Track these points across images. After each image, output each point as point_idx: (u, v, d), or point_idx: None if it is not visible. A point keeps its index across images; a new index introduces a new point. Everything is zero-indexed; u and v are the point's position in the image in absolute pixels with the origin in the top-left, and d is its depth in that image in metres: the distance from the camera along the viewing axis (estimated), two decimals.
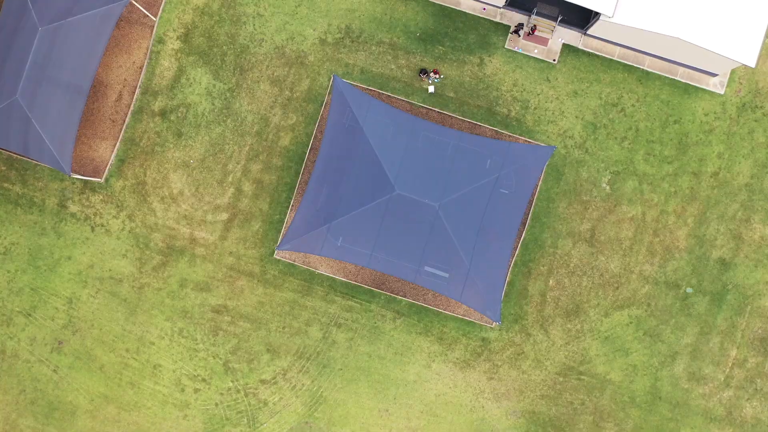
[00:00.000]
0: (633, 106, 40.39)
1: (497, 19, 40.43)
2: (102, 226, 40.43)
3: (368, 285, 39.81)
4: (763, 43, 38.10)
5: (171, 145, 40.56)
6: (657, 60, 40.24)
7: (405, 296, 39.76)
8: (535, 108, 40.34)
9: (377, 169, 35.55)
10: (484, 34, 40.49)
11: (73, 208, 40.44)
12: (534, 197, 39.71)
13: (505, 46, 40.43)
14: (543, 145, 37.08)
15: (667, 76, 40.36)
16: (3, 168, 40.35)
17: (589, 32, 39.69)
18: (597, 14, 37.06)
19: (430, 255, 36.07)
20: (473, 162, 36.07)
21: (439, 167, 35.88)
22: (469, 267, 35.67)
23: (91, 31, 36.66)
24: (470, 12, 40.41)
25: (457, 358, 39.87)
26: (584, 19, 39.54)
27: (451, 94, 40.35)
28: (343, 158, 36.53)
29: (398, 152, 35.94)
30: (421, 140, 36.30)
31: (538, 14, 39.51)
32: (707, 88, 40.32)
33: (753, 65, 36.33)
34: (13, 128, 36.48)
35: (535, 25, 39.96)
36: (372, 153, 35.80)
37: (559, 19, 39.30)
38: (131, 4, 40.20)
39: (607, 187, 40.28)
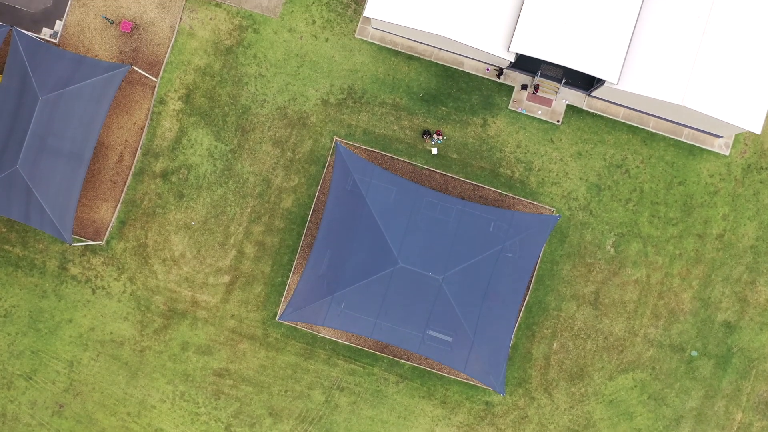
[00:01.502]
0: (637, 167, 40.12)
1: (501, 80, 40.14)
2: (103, 288, 40.18)
3: (371, 349, 39.54)
4: None
5: (172, 207, 40.30)
6: (662, 121, 39.98)
7: (408, 360, 39.51)
8: (538, 169, 40.07)
9: (380, 241, 35.29)
10: (488, 95, 40.21)
11: (74, 270, 40.18)
12: (538, 260, 39.44)
13: (509, 107, 40.17)
14: (547, 214, 36.79)
15: (671, 137, 40.10)
16: (3, 230, 40.09)
17: (593, 94, 39.42)
18: (601, 79, 36.79)
19: (434, 323, 35.85)
20: (477, 231, 35.81)
21: (442, 237, 35.62)
22: (473, 338, 35.41)
23: (92, 99, 36.40)
24: (473, 73, 40.12)
25: (461, 422, 39.62)
26: (588, 81, 39.26)
27: (455, 156, 40.08)
28: (346, 226, 36.27)
29: (401, 222, 35.67)
30: (424, 209, 36.03)
31: (543, 76, 39.22)
32: (712, 150, 40.06)
33: (758, 132, 36.07)
34: (14, 197, 36.22)
35: (538, 84, 39.67)
36: (375, 223, 35.53)
37: (564, 81, 39.01)
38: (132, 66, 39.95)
39: (612, 250, 40.02)
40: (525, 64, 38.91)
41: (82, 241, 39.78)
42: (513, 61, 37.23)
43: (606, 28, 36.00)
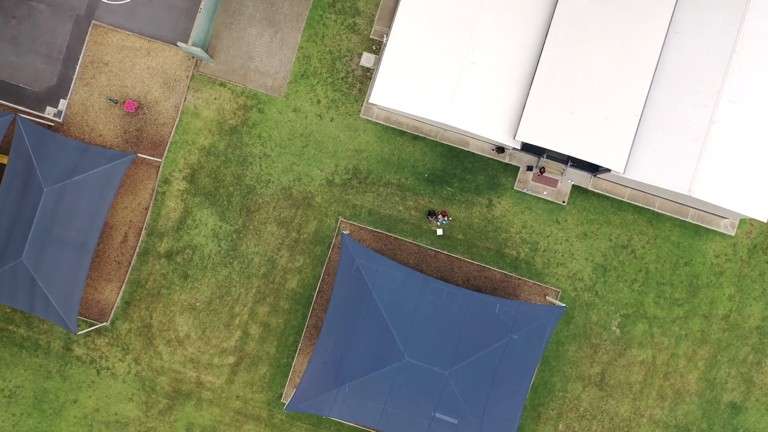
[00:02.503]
0: (643, 247, 40.03)
1: (506, 160, 40.04)
2: (108, 369, 40.10)
3: (376, 429, 39.48)
4: None
5: (177, 288, 40.20)
6: (667, 201, 39.87)
7: None
8: (544, 250, 39.98)
9: (386, 333, 35.20)
10: (493, 175, 40.10)
11: (79, 351, 40.11)
12: (543, 348, 39.31)
13: (514, 188, 40.06)
14: (553, 305, 36.73)
15: (677, 217, 39.99)
16: (8, 310, 40.00)
17: (599, 175, 39.33)
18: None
19: (440, 410, 35.77)
20: (483, 323, 35.70)
21: (449, 329, 35.52)
22: (481, 423, 35.31)
23: (96, 189, 36.30)
24: (479, 153, 40.01)
25: None
26: (594, 164, 39.10)
27: (460, 236, 39.98)
28: (352, 316, 36.16)
29: (407, 315, 35.58)
30: (429, 298, 35.92)
31: (548, 157, 39.12)
32: (718, 230, 39.95)
33: (765, 220, 36.00)
34: (18, 288, 36.13)
35: (543, 166, 39.59)
36: (381, 315, 35.45)
37: (569, 163, 38.90)
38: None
39: (617, 331, 39.93)
40: (531, 146, 38.77)
41: (87, 322, 39.71)
42: (518, 148, 37.17)
43: (612, 117, 35.91)
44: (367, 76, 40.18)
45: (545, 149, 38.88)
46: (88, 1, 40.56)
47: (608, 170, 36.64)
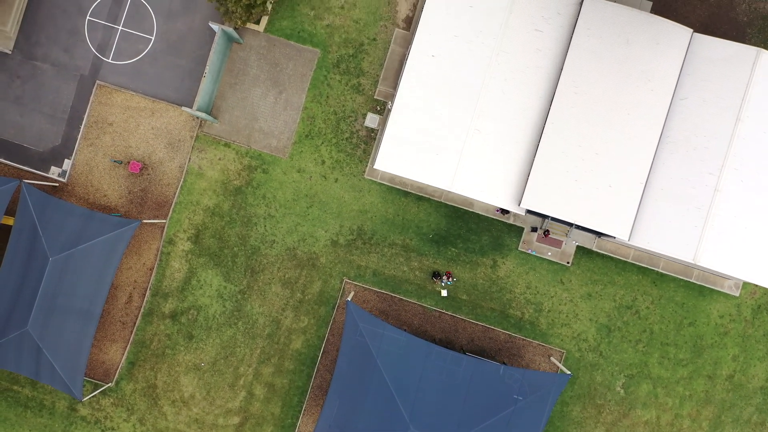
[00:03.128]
0: (647, 308, 40.07)
1: (510, 221, 40.06)
2: (113, 429, 40.14)
3: None
4: None
5: (182, 348, 40.24)
6: (671, 262, 39.91)
7: None
8: (548, 310, 40.02)
9: (391, 403, 35.24)
10: (498, 235, 40.13)
11: (84, 411, 40.14)
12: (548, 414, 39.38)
13: (519, 249, 40.09)
14: (559, 372, 36.80)
15: (681, 278, 40.03)
16: None
17: (603, 237, 39.37)
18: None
19: None
20: (487, 391, 35.73)
21: (453, 397, 35.57)
22: None
23: (101, 257, 36.31)
24: (483, 214, 40.03)
25: None
26: None
27: (464, 297, 40.02)
28: (357, 382, 36.20)
29: (412, 382, 35.62)
30: (434, 366, 35.96)
31: (553, 219, 39.11)
32: (722, 290, 39.99)
33: None
34: (24, 356, 36.17)
35: (548, 229, 39.63)
36: (385, 383, 35.48)
37: (574, 225, 38.90)
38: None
39: (622, 391, 39.99)
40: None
41: (92, 383, 39.75)
42: (524, 213, 37.21)
43: (617, 185, 35.93)
44: (372, 136, 40.20)
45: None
46: (93, 61, 40.55)
47: (613, 237, 36.70)
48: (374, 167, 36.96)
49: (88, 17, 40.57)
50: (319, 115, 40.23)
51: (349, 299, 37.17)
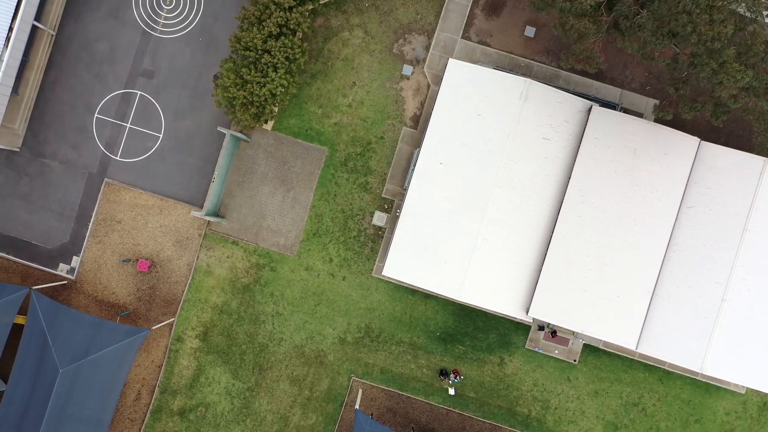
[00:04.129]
0: (654, 405, 40.25)
1: (518, 319, 40.23)
2: None
3: None
4: None
5: None
6: None
7: None
8: (555, 408, 40.19)
9: None
10: (505, 333, 40.29)
11: None
12: None
13: (526, 346, 40.25)
14: None
15: (687, 375, 40.18)
16: None
17: None
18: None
19: None
20: None
21: None
22: None
23: (111, 366, 36.46)
24: (490, 311, 40.18)
25: None
26: None
27: (472, 394, 40.18)
28: None
29: None
30: None
31: None
32: (728, 388, 40.15)
33: None
34: None
35: (555, 329, 39.82)
36: None
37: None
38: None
39: None
40: None
41: None
42: (531, 320, 37.40)
43: (624, 295, 36.07)
44: (380, 234, 40.34)
45: None
46: (101, 159, 40.68)
47: None
48: (383, 274, 37.09)
49: (96, 115, 40.69)
50: (327, 214, 40.38)
51: (357, 407, 37.34)
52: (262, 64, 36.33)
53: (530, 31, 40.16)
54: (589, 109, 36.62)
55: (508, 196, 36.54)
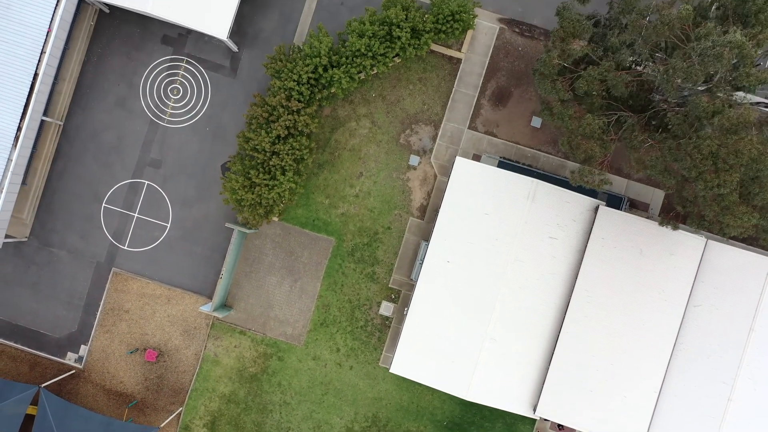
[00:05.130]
0: None
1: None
2: None
3: None
4: None
5: None
6: None
7: None
8: None
9: None
10: (511, 423, 40.46)
11: None
12: None
13: None
14: None
15: None
16: None
17: None
18: None
19: None
20: None
21: None
22: None
23: None
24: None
25: None
26: None
27: None
28: None
29: None
30: None
31: None
32: None
33: None
34: None
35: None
36: None
37: None
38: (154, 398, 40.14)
39: None
40: None
41: None
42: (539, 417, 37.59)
43: (631, 395, 36.24)
44: (387, 324, 40.50)
45: None
46: (109, 248, 40.80)
47: None
48: (390, 371, 37.25)
49: (104, 204, 40.83)
50: (334, 303, 40.52)
51: None
52: (271, 166, 36.46)
53: (536, 122, 40.31)
54: (596, 208, 36.80)
55: (516, 296, 36.71)
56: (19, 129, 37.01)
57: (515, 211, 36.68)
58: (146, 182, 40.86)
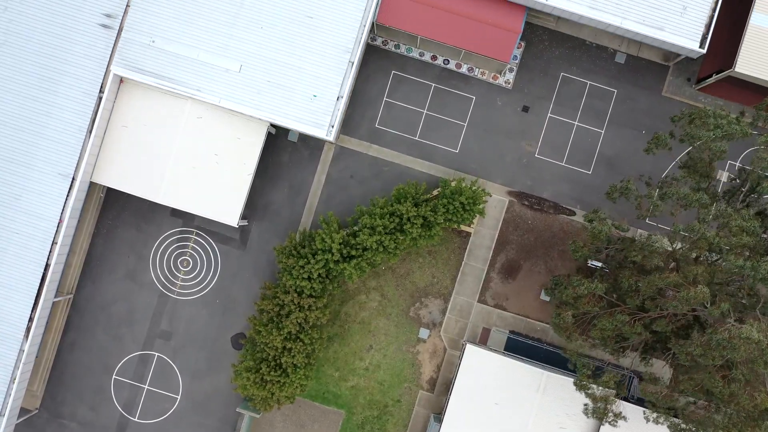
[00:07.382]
0: None
1: None
2: None
3: None
4: None
5: None
6: None
7: None
8: None
9: None
10: None
11: None
12: None
13: None
14: None
15: None
16: None
17: None
18: None
19: None
20: None
21: None
22: None
23: None
24: None
25: None
26: None
27: None
28: None
29: None
30: None
31: None
32: None
33: None
34: None
35: None
36: None
37: None
38: None
39: None
40: None
41: None
42: None
43: None
44: None
45: None
46: (119, 420, 40.90)
47: None
48: None
49: (114, 376, 40.91)
50: None
51: None
52: (282, 362, 36.50)
53: (545, 295, 40.46)
54: None
55: None
56: (30, 320, 37.01)
57: (525, 402, 36.84)
58: (156, 354, 40.95)
